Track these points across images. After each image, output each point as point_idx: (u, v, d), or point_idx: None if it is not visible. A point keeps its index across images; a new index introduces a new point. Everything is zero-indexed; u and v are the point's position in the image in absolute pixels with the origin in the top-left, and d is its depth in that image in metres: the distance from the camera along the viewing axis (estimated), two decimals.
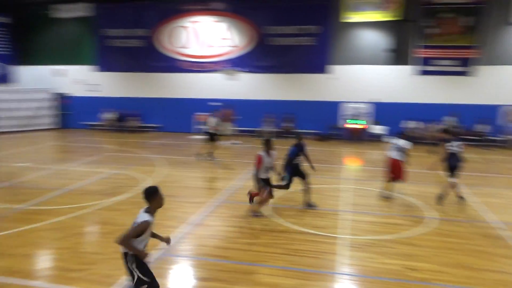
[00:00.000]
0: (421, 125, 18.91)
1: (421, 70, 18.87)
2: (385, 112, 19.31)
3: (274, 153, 8.25)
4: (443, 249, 6.91)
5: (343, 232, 7.64)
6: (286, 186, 8.99)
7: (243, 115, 20.38)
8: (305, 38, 19.93)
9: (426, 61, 18.77)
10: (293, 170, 8.86)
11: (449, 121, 17.09)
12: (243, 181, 11.50)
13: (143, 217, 4.38)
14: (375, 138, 19.31)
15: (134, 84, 22.58)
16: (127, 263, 4.38)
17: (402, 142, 9.47)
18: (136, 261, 4.36)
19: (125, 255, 4.39)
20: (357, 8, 18.85)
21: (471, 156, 15.42)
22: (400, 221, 8.30)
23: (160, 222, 7.90)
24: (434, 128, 18.11)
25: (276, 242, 7.11)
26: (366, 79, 19.73)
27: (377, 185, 10.90)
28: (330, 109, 20.07)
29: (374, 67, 19.75)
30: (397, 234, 7.55)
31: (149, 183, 10.64)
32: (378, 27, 19.93)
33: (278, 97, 20.64)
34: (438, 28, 18.47)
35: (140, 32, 21.85)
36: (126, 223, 7.80)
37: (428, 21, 18.47)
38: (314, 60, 20.02)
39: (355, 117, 19.81)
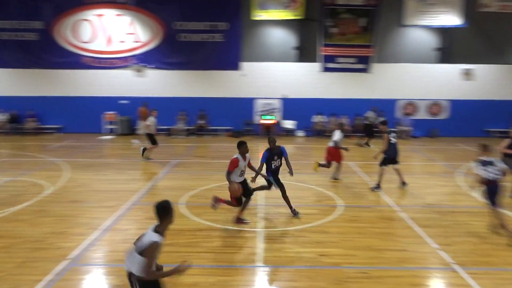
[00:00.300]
0: (327, 119, 20.15)
1: (325, 67, 20.02)
2: (294, 108, 20.17)
3: (248, 156, 7.72)
4: (351, 234, 7.42)
5: (260, 225, 7.80)
6: (267, 187, 8.53)
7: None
8: (215, 34, 19.91)
9: (329, 58, 19.96)
10: (272, 174, 8.28)
11: (370, 115, 18.32)
12: (157, 181, 11.15)
13: (151, 237, 3.89)
14: (286, 133, 20.12)
15: (30, 82, 20.52)
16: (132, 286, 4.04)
17: (337, 133, 11.13)
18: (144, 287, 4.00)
19: (131, 276, 4.01)
20: (264, 6, 19.33)
21: (373, 146, 16.84)
22: (312, 211, 8.72)
23: (67, 231, 7.36)
24: (337, 121, 19.40)
25: (195, 241, 7.01)
26: (276, 75, 20.37)
27: (288, 178, 11.34)
28: (244, 105, 20.38)
29: (283, 64, 20.48)
30: (310, 223, 7.91)
31: (52, 189, 9.80)
32: (286, 25, 20.69)
33: (191, 94, 20.36)
34: (338, 28, 19.75)
35: (35, 24, 19.90)
36: (28, 235, 7.12)
37: (330, 21, 19.63)
38: (226, 56, 20.10)
39: (267, 112, 20.37)
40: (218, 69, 20.31)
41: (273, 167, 8.22)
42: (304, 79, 20.45)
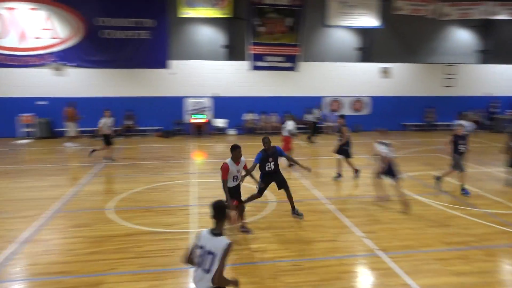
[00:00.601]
0: (258, 116, 20.46)
1: (254, 65, 20.27)
2: (225, 106, 20.19)
3: (243, 160, 7.16)
4: (283, 228, 7.61)
5: (193, 226, 7.70)
6: (258, 195, 7.99)
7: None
8: (141, 31, 19.21)
9: (257, 57, 20.23)
10: (265, 177, 7.93)
11: (314, 112, 18.83)
12: (81, 186, 10.53)
13: (223, 240, 3.62)
14: (218, 132, 20.08)
15: None
16: None
17: (290, 123, 12.83)
18: None
19: None
20: (192, 3, 19.04)
21: (301, 142, 17.39)
22: (246, 208, 8.79)
23: None
24: (273, 119, 19.88)
25: (124, 247, 6.74)
26: (206, 74, 20.20)
27: None
28: (173, 104, 19.95)
29: (213, 62, 20.38)
30: (243, 220, 7.97)
31: None
32: (214, 24, 20.60)
33: (117, 93, 19.47)
34: (266, 27, 20.07)
35: None
36: None
37: (257, 20, 19.89)
38: (153, 54, 19.49)
39: (198, 111, 20.16)
40: (145, 67, 19.64)
41: (266, 169, 7.79)
42: (234, 78, 20.53)
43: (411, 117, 21.97)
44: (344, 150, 11.26)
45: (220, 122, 20.24)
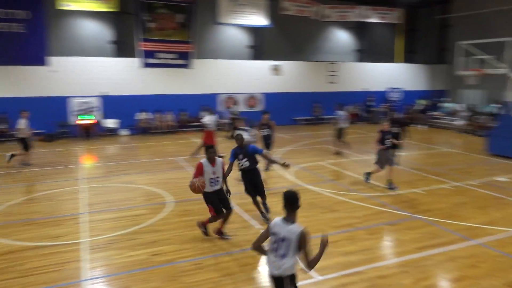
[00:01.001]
0: (152, 115, 19.78)
1: (145, 62, 19.50)
2: (116, 105, 19.11)
3: (220, 161, 6.75)
4: (182, 229, 7.48)
5: (84, 235, 7.15)
6: (252, 198, 7.77)
7: None
8: (13, 24, 17.07)
9: (148, 54, 19.48)
10: (243, 176, 7.72)
11: (233, 109, 18.62)
12: None
13: (296, 227, 3.85)
14: (109, 133, 18.92)
15: None
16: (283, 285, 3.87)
17: (208, 117, 13.16)
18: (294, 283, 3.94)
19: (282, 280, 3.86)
20: None
21: (195, 140, 17.29)
22: (142, 211, 8.45)
23: None
24: (168, 118, 19.38)
25: (4, 267, 5.97)
26: (93, 71, 18.85)
27: (116, 180, 10.77)
28: (56, 105, 18.21)
29: (100, 59, 19.11)
30: (140, 224, 7.65)
31: None
32: (100, 18, 19.35)
33: None
34: (156, 23, 19.44)
35: None
36: None
37: (147, 15, 19.16)
38: (29, 50, 17.41)
39: (85, 112, 18.73)
40: (19, 64, 17.52)
41: (240, 167, 7.65)
42: (124, 75, 19.52)
43: (301, 112, 23.36)
44: (268, 144, 11.95)
45: (110, 123, 19.08)
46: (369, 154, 14.41)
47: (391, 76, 25.67)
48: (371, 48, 26.39)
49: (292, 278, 3.91)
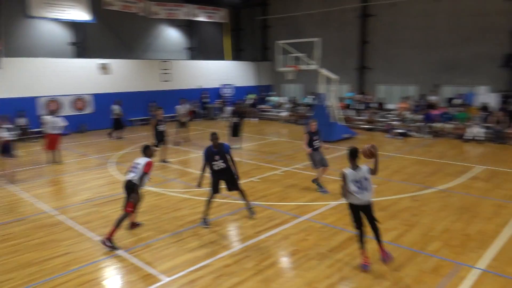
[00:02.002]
0: None
1: None
2: None
3: (145, 160, 6.84)
4: (4, 256, 6.42)
5: None
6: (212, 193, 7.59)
7: None
8: None
9: None
10: (213, 175, 7.54)
11: (115, 108, 17.50)
12: None
13: (364, 167, 5.64)
14: None
15: None
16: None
17: (52, 120, 12.76)
18: None
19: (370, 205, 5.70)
20: None
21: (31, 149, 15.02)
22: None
23: None
24: None
25: None
26: None
27: None
28: None
29: None
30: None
31: None
32: None
33: None
34: None
35: None
36: None
37: None
38: None
39: None
40: None
41: (214, 168, 7.48)
42: None
43: (137, 112, 22.49)
44: (163, 140, 12.70)
45: None
46: None
47: (223, 73, 26.87)
48: (202, 46, 27.13)
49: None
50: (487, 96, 18.26)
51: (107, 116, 18.78)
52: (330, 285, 5.39)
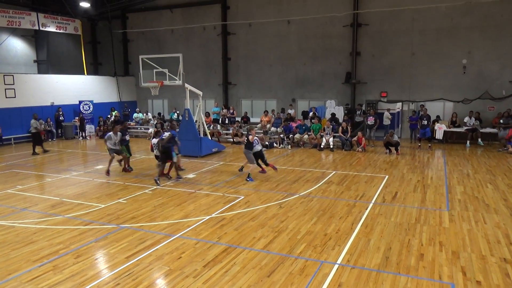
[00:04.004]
0: None
1: None
2: None
3: None
4: None
5: None
6: None
7: None
8: None
9: None
10: None
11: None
12: None
13: None
14: None
15: None
16: None
17: None
18: None
19: None
20: None
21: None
22: None
23: None
24: None
25: None
26: None
27: None
28: None
29: None
30: None
31: None
32: None
33: None
34: None
35: None
36: None
37: None
38: None
39: None
40: None
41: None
42: None
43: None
44: None
45: None
46: (67, 172, 13.50)
47: (80, 88, 24.79)
48: (54, 59, 24.65)
49: None
50: (334, 109, 20.73)
51: None
52: None
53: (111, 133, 13.09)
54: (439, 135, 18.44)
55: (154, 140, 12.48)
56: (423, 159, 15.25)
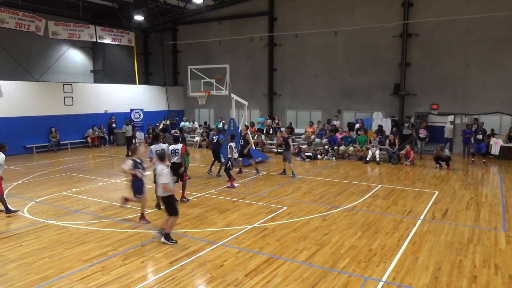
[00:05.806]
0: None
1: None
2: None
3: None
4: None
5: None
6: None
7: None
8: None
9: None
10: None
11: None
12: None
13: None
14: None
15: None
16: None
17: None
18: None
19: None
20: None
21: None
22: None
23: None
24: None
25: None
26: None
27: None
28: None
29: None
30: None
31: None
32: None
33: None
34: None
35: None
36: None
37: None
38: None
39: None
40: None
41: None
42: None
43: (35, 138, 20.55)
44: None
45: None
46: (117, 178, 14.08)
47: (132, 97, 25.92)
48: (108, 69, 25.98)
49: None
50: (381, 121, 20.20)
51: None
52: None
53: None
54: (495, 150, 17.43)
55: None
56: (476, 175, 14.45)
